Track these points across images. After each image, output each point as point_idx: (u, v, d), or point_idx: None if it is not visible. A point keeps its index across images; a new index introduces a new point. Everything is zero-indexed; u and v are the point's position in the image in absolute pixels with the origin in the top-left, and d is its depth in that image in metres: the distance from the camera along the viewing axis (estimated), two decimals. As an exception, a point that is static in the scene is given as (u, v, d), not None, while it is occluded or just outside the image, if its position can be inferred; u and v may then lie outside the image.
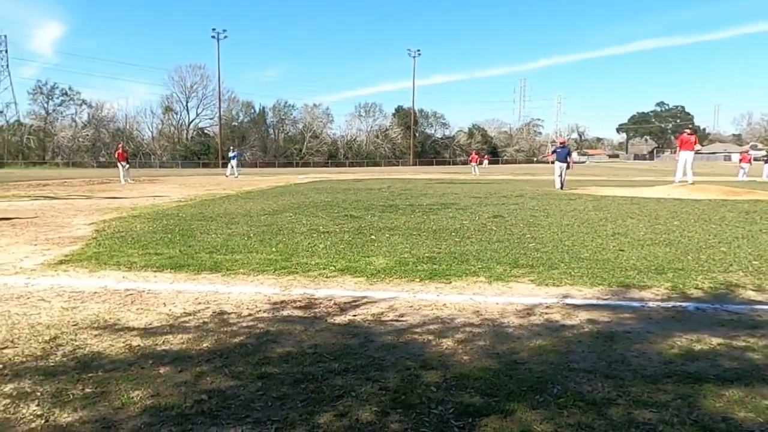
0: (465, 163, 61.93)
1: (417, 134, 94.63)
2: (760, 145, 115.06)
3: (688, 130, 18.39)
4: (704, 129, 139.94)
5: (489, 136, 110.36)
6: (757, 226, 8.60)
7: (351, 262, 5.87)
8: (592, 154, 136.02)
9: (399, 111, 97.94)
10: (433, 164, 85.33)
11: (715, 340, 3.50)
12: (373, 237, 7.56)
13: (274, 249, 6.65)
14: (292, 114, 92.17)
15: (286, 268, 5.59)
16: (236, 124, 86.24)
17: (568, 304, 4.37)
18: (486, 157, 71.70)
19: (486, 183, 24.16)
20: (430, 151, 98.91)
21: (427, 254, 6.32)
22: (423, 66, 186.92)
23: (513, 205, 12.24)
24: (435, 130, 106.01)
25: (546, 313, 4.13)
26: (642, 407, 2.57)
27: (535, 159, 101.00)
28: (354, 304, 4.38)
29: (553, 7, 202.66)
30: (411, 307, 4.30)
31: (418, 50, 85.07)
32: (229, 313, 4.09)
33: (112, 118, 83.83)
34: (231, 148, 39.05)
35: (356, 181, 25.74)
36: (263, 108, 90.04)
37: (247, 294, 4.66)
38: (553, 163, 19.03)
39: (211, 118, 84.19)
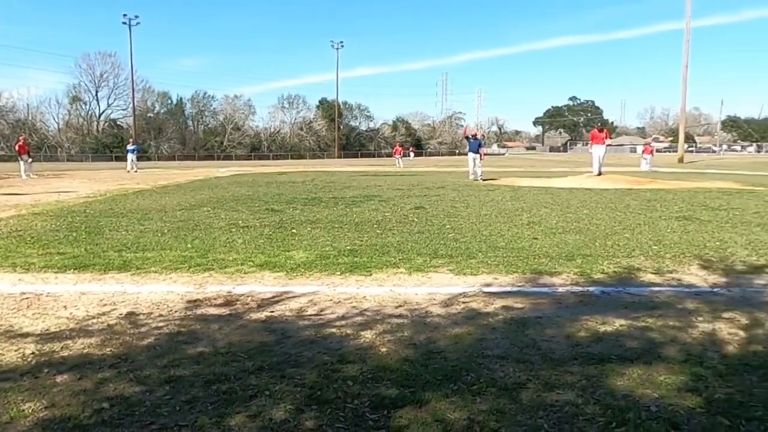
0: (390, 155, 62.57)
1: (342, 127, 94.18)
2: (661, 138, 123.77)
3: (598, 126, 19.43)
4: (612, 122, 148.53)
5: (413, 128, 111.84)
6: (657, 213, 9.22)
7: (270, 257, 5.74)
8: (511, 146, 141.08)
9: (323, 103, 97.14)
10: (358, 156, 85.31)
11: (619, 322, 3.70)
12: (294, 231, 7.44)
13: (189, 245, 6.38)
14: (212, 105, 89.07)
15: (202, 265, 5.38)
16: (152, 115, 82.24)
17: (485, 293, 4.48)
18: (411, 149, 72.71)
19: (409, 175, 24.46)
20: (356, 143, 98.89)
21: (348, 247, 6.29)
22: (347, 58, 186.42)
23: (434, 197, 12.46)
24: (360, 123, 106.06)
25: (464, 302, 4.21)
26: (550, 390, 2.66)
27: (457, 151, 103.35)
28: (272, 299, 4.28)
29: (473, 2, 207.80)
30: (331, 300, 4.26)
31: (341, 42, 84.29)
32: (138, 315, 3.87)
33: (12, 108, 77.49)
34: (129, 140, 35.25)
35: (279, 174, 25.29)
36: (181, 99, 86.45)
37: (159, 293, 4.44)
38: (466, 154, 19.59)
39: (124, 109, 79.56)
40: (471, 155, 19.46)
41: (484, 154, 20.04)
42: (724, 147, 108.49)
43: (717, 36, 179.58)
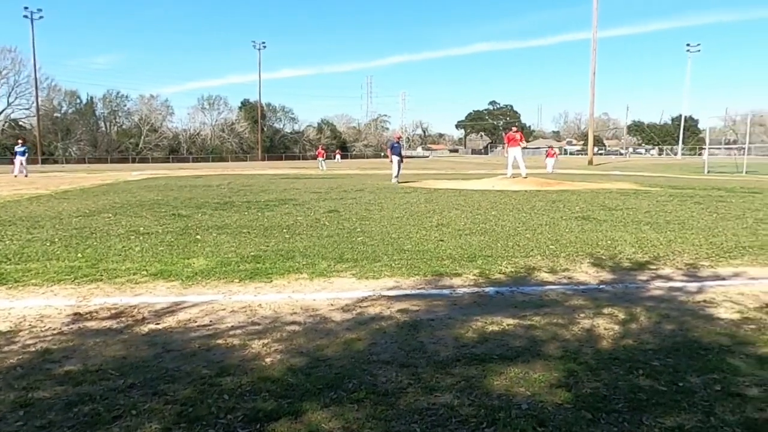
0: (314, 157, 62.03)
1: (265, 129, 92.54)
2: (574, 141, 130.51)
3: (514, 128, 20.06)
4: (530, 126, 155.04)
5: (338, 131, 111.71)
6: (560, 213, 9.66)
7: (167, 265, 5.49)
8: (435, 148, 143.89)
9: (246, 104, 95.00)
10: (282, 159, 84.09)
11: (507, 321, 3.81)
12: (198, 237, 7.17)
13: (80, 255, 5.99)
14: (125, 105, 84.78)
15: (90, 276, 5.06)
16: (59, 115, 77.14)
17: (384, 296, 4.49)
18: (337, 152, 72.48)
19: (330, 178, 24.35)
20: (280, 146, 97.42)
21: (252, 253, 6.13)
22: (271, 59, 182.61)
23: (351, 200, 12.44)
24: (284, 125, 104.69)
25: (361, 307, 4.19)
26: (429, 393, 2.68)
27: (382, 154, 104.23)
28: (162, 311, 4.08)
29: (397, 7, 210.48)
30: (224, 310, 4.12)
31: (263, 43, 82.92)
32: (4, 333, 3.56)
33: None
34: (18, 142, 31.09)
35: (196, 178, 24.42)
36: (91, 98, 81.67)
37: (34, 308, 4.12)
38: (391, 161, 19.76)
39: (27, 108, 74.15)
40: (395, 159, 19.66)
41: (404, 157, 20.33)
42: (631, 150, 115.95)
43: (624, 45, 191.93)
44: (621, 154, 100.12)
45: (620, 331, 3.62)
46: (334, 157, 66.46)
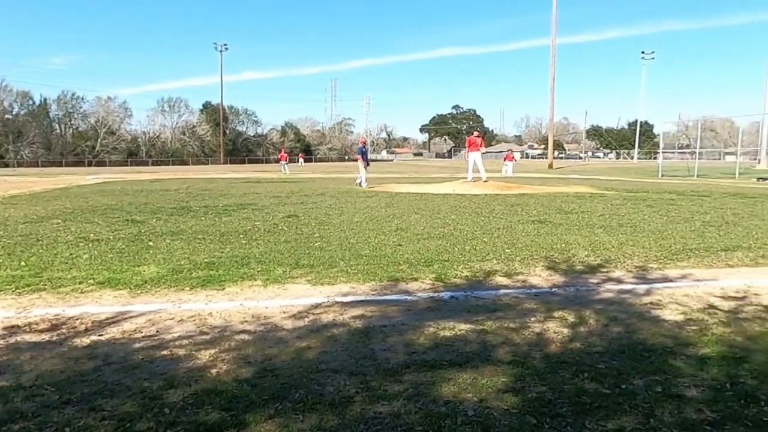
0: (277, 161, 61.42)
1: (228, 132, 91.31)
2: (535, 145, 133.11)
3: (475, 133, 20.30)
4: (492, 130, 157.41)
5: (302, 134, 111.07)
6: (517, 217, 9.80)
7: (116, 273, 5.32)
8: (400, 152, 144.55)
9: (207, 107, 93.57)
10: (245, 163, 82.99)
11: (459, 326, 3.82)
12: (150, 243, 6.98)
13: (23, 263, 5.75)
14: (81, 107, 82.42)
15: (32, 285, 4.86)
16: (10, 117, 74.37)
17: (339, 303, 4.45)
18: (300, 155, 71.97)
19: (292, 182, 24.15)
20: (242, 149, 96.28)
21: (206, 259, 6.00)
22: (233, 61, 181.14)
23: (311, 204, 12.35)
24: (247, 128, 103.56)
25: (314, 314, 4.14)
26: (376, 402, 2.66)
27: (346, 157, 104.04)
28: (106, 321, 3.94)
29: (362, 10, 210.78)
30: (173, 319, 4.01)
31: (225, 44, 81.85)
32: (-67, 348, 3.38)
33: None
34: None
35: (153, 182, 23.86)
36: (45, 100, 79.06)
37: (-31, 321, 3.92)
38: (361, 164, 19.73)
39: (-25, 109, 71.30)
40: (362, 162, 19.63)
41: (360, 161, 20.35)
42: (590, 154, 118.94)
43: (582, 52, 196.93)
44: (580, 157, 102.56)
45: (569, 334, 3.67)
46: (298, 161, 65.96)
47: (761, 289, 4.87)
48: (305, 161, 71.59)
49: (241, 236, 7.60)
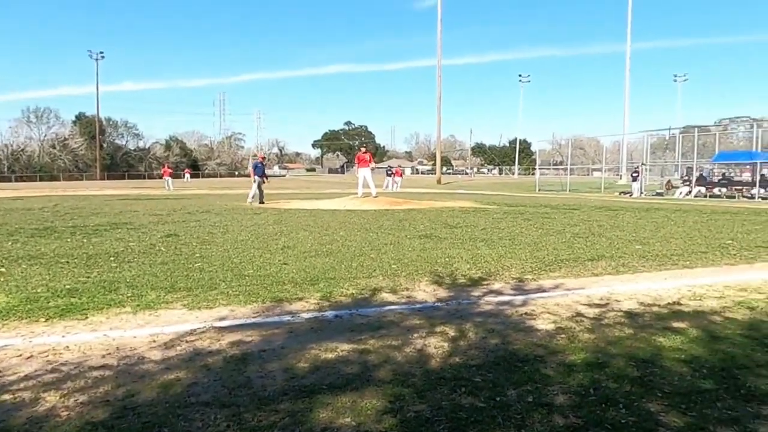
0: (161, 176, 58.10)
1: (105, 145, 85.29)
2: (425, 161, 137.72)
3: (363, 149, 20.54)
4: (384, 146, 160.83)
5: (189, 148, 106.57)
6: (405, 232, 9.97)
7: (-46, 306, 4.65)
8: (292, 167, 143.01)
9: (81, 118, 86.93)
10: (125, 178, 77.90)
11: (341, 347, 3.73)
12: (2, 269, 6.22)
13: None
14: (-73, 116, 73.09)
15: None
16: None
17: (216, 328, 4.20)
18: (186, 170, 68.75)
19: (176, 198, 22.95)
20: (122, 164, 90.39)
21: (68, 286, 5.44)
22: (111, 71, 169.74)
23: (194, 222, 11.75)
24: (127, 141, 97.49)
25: (187, 341, 3.86)
26: (248, 435, 2.49)
27: (236, 173, 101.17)
28: (-65, 363, 3.40)
29: (251, 22, 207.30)
30: (20, 356, 3.55)
31: (101, 52, 76.69)
32: None
33: None
34: None
35: (14, 200, 21.58)
36: None
37: None
38: (255, 178, 19.12)
39: None
40: (257, 179, 19.01)
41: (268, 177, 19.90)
42: (475, 169, 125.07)
43: (467, 73, 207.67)
44: (467, 173, 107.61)
45: (449, 348, 3.71)
46: (183, 176, 62.99)
47: (621, 296, 5.27)
48: (192, 177, 68.49)
49: (112, 259, 7.01)
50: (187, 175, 64.97)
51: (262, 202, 18.35)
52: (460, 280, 5.95)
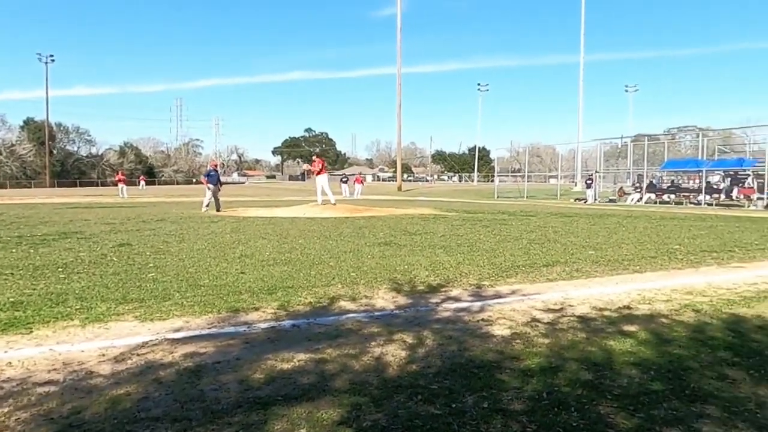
0: (115, 184, 56.50)
1: (55, 152, 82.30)
2: (386, 168, 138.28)
3: (314, 157, 20.10)
4: (345, 154, 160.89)
5: (144, 155, 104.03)
6: (364, 239, 9.96)
7: None
8: (252, 174, 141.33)
9: (30, 123, 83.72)
10: (77, 186, 75.32)
11: (298, 357, 3.69)
12: (-61, 283, 5.91)
13: None
14: None
15: None
16: None
17: (169, 340, 4.09)
18: (142, 177, 67.08)
19: (130, 206, 22.34)
20: (74, 171, 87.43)
21: (12, 299, 5.21)
22: (62, 75, 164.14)
23: (149, 231, 11.45)
24: (79, 148, 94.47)
25: (139, 354, 3.75)
26: (200, 450, 2.43)
27: (194, 180, 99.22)
28: None
29: (206, 28, 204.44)
30: (-45, 375, 3.37)
31: (51, 56, 74.30)
32: None
33: None
34: None
35: (-43, 208, 20.57)
36: None
37: None
38: (209, 186, 18.73)
39: None
40: (212, 187, 18.58)
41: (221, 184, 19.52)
42: (435, 176, 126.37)
43: (427, 81, 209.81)
44: (427, 180, 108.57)
45: (407, 356, 3.72)
46: (139, 184, 61.46)
47: (575, 301, 5.40)
48: (147, 184, 66.91)
49: (60, 270, 6.75)
50: (143, 183, 63.50)
51: (219, 210, 18.03)
52: (419, 287, 5.98)
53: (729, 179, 28.54)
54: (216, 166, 21.32)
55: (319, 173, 18.15)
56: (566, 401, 2.94)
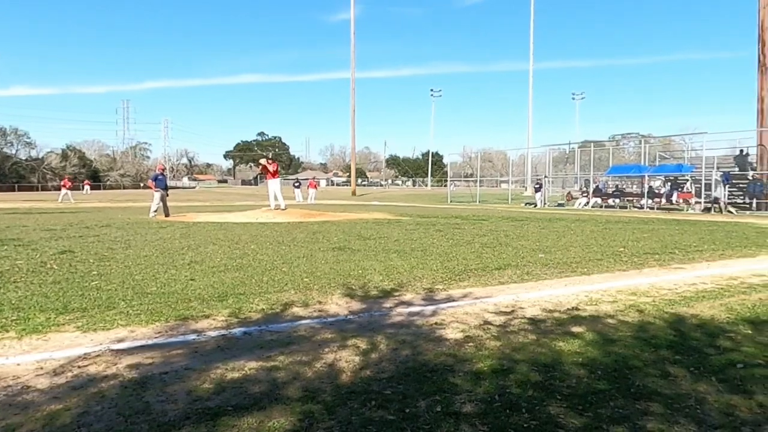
0: (58, 188, 54.10)
1: (-9, 154, 78.23)
2: (340, 173, 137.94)
3: (263, 160, 19.10)
4: (299, 158, 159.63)
5: (88, 159, 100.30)
6: (318, 244, 9.88)
7: None
8: (203, 179, 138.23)
9: (-38, 125, 79.25)
10: (15, 190, 71.83)
11: (249, 365, 3.61)
12: None
13: None
14: None
15: None
16: None
17: (112, 350, 3.93)
18: (86, 182, 64.58)
19: (73, 212, 21.44)
20: (12, 174, 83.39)
21: (-60, 310, 4.89)
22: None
23: (92, 237, 11.00)
24: (17, 151, 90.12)
25: (80, 367, 3.58)
26: (145, 465, 2.33)
27: (142, 184, 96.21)
28: None
29: (153, 27, 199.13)
30: None
31: (-12, 54, 70.50)
32: None
33: None
34: None
35: None
36: None
37: None
38: (157, 190, 18.12)
39: None
40: (160, 192, 17.94)
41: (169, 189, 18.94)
42: (389, 181, 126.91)
43: (381, 86, 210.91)
44: (381, 185, 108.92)
45: (360, 362, 3.70)
46: (83, 188, 59.13)
47: (526, 303, 5.50)
48: (92, 188, 64.48)
49: (-5, 279, 6.39)
50: (87, 187, 61.13)
51: (167, 216, 17.52)
52: (373, 292, 5.96)
53: (669, 184, 29.82)
54: (164, 169, 20.70)
55: (273, 176, 17.86)
56: (517, 402, 2.98)
